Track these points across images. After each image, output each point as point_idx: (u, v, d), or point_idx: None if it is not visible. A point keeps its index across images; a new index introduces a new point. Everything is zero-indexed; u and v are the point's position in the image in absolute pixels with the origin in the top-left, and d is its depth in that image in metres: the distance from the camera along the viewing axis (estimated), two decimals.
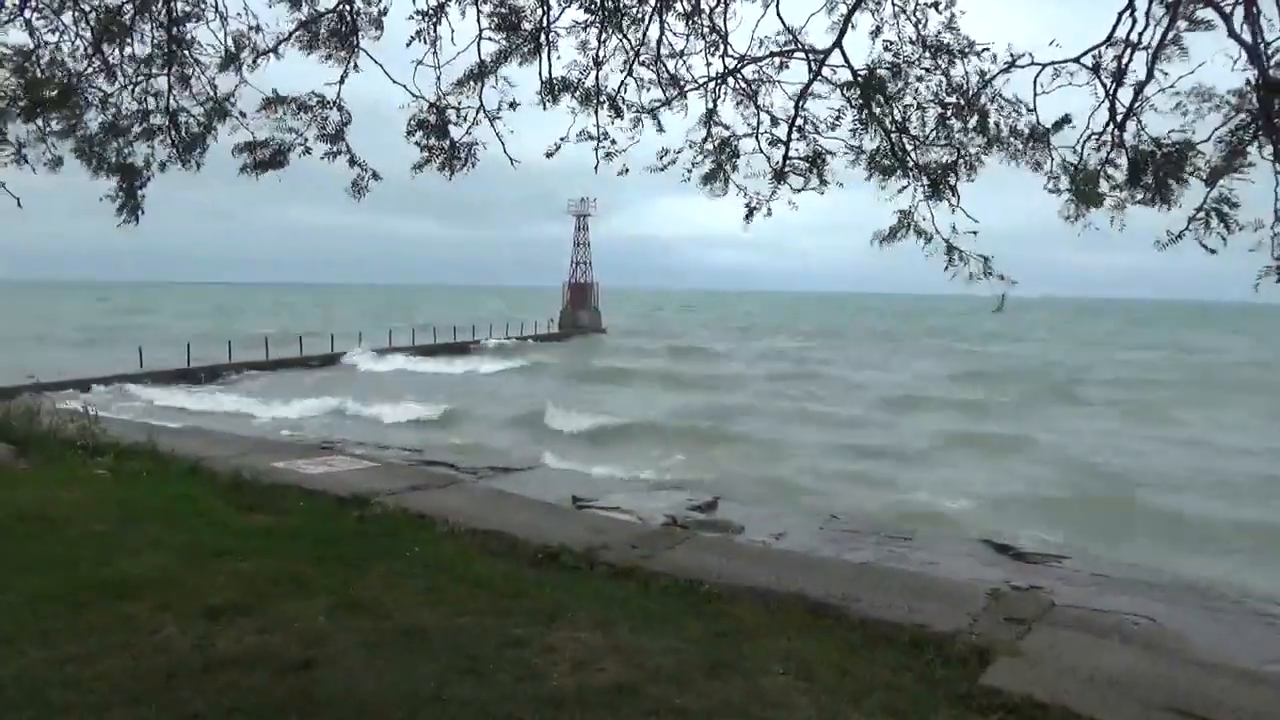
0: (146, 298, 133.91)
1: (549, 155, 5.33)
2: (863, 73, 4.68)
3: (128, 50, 5.05)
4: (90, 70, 4.97)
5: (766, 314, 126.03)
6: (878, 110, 4.72)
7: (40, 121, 4.92)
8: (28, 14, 4.75)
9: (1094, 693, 5.30)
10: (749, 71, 5.11)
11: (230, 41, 5.07)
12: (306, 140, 5.20)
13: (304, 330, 54.69)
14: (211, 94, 5.18)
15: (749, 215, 5.29)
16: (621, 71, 5.37)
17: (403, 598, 6.12)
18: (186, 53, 5.12)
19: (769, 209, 5.29)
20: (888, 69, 4.61)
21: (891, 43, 4.57)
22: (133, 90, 5.12)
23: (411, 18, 5.00)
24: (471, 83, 5.22)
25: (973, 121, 4.52)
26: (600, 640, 5.52)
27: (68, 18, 4.87)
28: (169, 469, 10.61)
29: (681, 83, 5.31)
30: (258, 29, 5.03)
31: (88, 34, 4.92)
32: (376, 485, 10.49)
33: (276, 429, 24.43)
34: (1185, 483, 20.14)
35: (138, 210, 5.08)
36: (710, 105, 5.26)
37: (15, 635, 5.15)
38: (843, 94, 4.80)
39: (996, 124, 4.49)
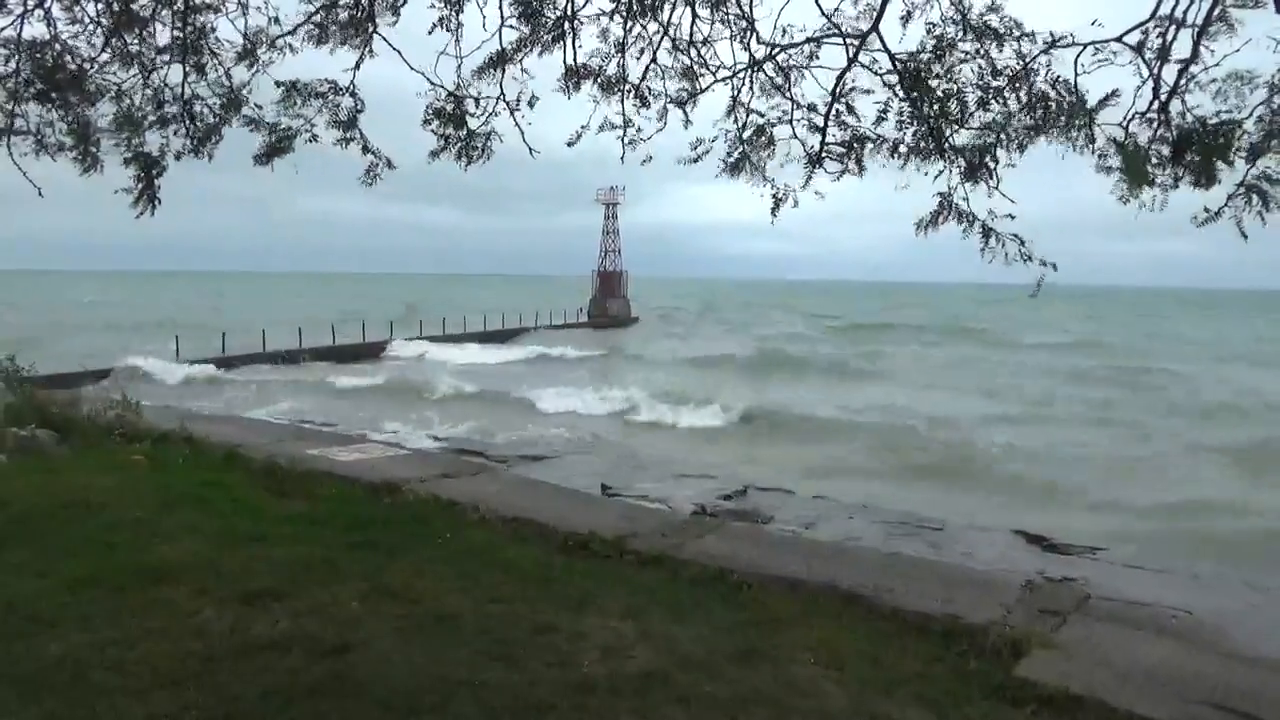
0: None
1: (570, 144, 5.27)
2: (901, 57, 4.61)
3: (148, 41, 5.06)
4: (107, 59, 4.98)
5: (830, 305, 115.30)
6: (923, 97, 4.64)
7: (56, 107, 4.92)
8: (48, 4, 4.77)
9: (1130, 686, 5.23)
10: (781, 58, 5.04)
11: (246, 36, 5.06)
12: (314, 127, 5.18)
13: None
14: (227, 84, 5.17)
15: (775, 207, 5.21)
16: (646, 58, 5.32)
17: (434, 583, 6.17)
18: (203, 42, 5.12)
19: (795, 200, 5.20)
20: (931, 53, 4.53)
21: (933, 25, 4.49)
22: (146, 79, 5.13)
23: (433, 6, 4.98)
24: (491, 70, 5.19)
25: (1015, 103, 4.43)
26: (630, 628, 5.53)
27: (90, 8, 4.88)
28: (204, 455, 10.77)
29: (711, 69, 5.25)
30: (276, 20, 5.02)
31: (108, 23, 4.93)
32: (408, 472, 10.58)
33: None
34: None
35: (154, 200, 5.09)
36: (736, 94, 5.20)
37: (57, 618, 5.26)
38: (884, 82, 4.72)
39: (1044, 104, 4.40)
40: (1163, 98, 4.07)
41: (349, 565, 6.48)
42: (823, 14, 4.74)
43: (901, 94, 4.70)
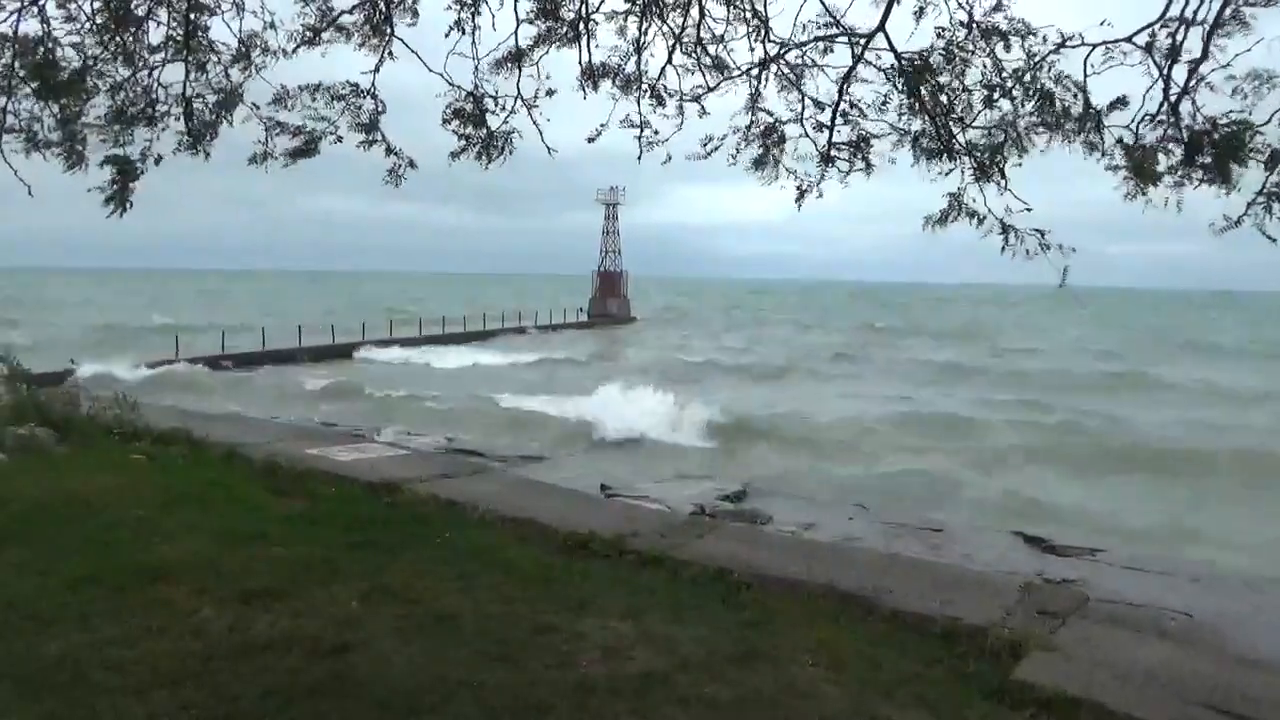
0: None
1: (591, 140, 5.27)
2: (907, 56, 4.62)
3: (141, 40, 5.06)
4: (105, 56, 4.97)
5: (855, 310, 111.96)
6: (925, 94, 4.65)
7: (53, 105, 4.91)
8: (42, 1, 4.76)
9: (1129, 689, 5.23)
10: (792, 56, 5.05)
11: (242, 39, 5.06)
12: (338, 129, 5.20)
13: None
14: (226, 83, 5.17)
15: (800, 197, 5.22)
16: (663, 58, 5.33)
17: (434, 584, 6.17)
18: (202, 40, 5.12)
19: (820, 191, 5.21)
20: (938, 54, 4.54)
21: (944, 29, 4.50)
22: (148, 76, 5.12)
23: (449, 8, 4.98)
24: (509, 65, 5.20)
25: (1029, 105, 4.44)
26: (630, 628, 5.53)
27: (86, 6, 4.88)
28: (204, 455, 10.78)
29: (724, 68, 5.26)
30: (272, 26, 5.01)
31: (104, 20, 4.91)
32: (407, 472, 10.58)
33: None
34: None
35: (126, 202, 5.10)
36: (753, 91, 5.21)
37: (57, 617, 5.26)
38: (887, 78, 4.73)
39: (1054, 105, 4.41)
40: (1173, 98, 4.06)
41: (349, 565, 6.48)
42: (827, 12, 4.75)
43: (907, 93, 4.70)
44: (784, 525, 11.80)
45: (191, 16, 5.02)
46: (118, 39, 4.97)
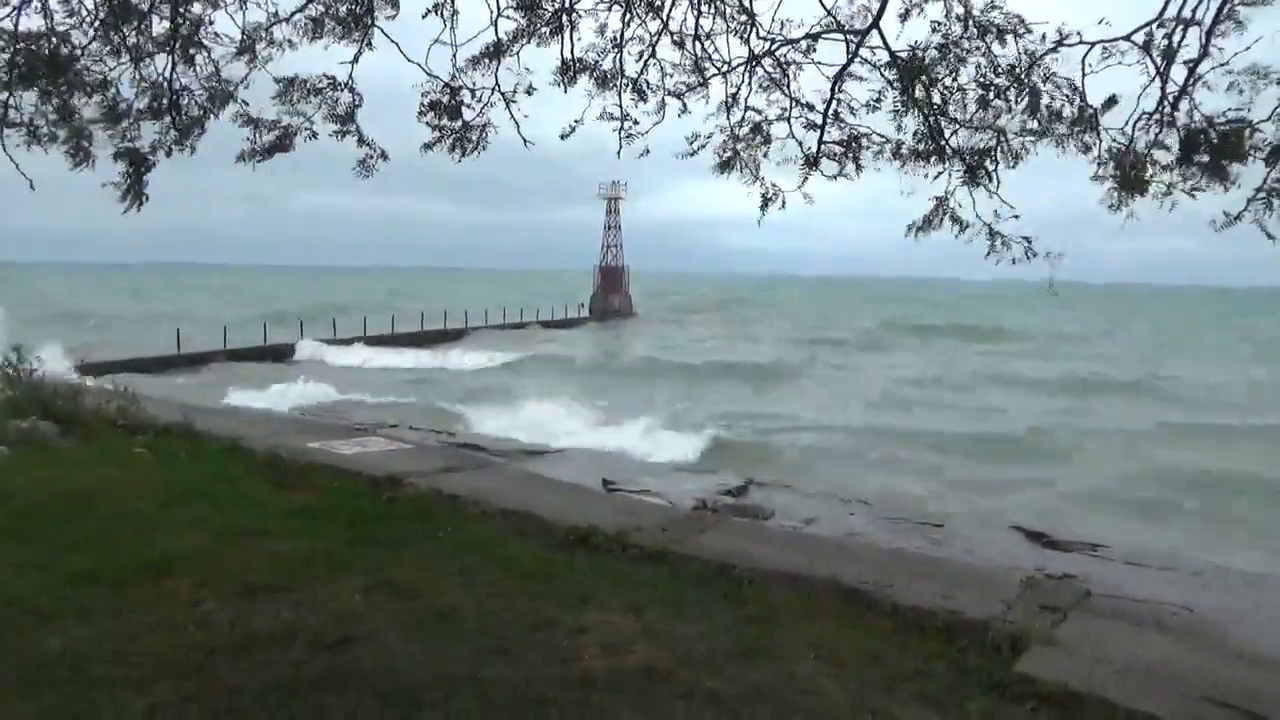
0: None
1: (564, 137, 5.25)
2: (903, 54, 4.60)
3: (144, 34, 5.03)
4: (96, 48, 4.93)
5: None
6: (919, 93, 4.63)
7: (41, 92, 4.88)
8: None
9: (1130, 682, 5.23)
10: (781, 54, 5.03)
11: (245, 32, 5.03)
12: (313, 123, 5.17)
13: None
14: (215, 76, 5.14)
15: (764, 206, 5.23)
16: (644, 55, 5.30)
17: (436, 578, 6.18)
18: (196, 35, 5.09)
19: (784, 201, 5.22)
20: (934, 50, 4.52)
21: (939, 23, 4.48)
22: (138, 70, 5.09)
23: None
24: (487, 60, 5.17)
25: (1022, 104, 4.43)
26: (631, 623, 5.54)
27: (88, 1, 4.85)
28: (206, 448, 10.77)
29: (709, 64, 5.24)
30: (276, 17, 4.98)
31: (105, 15, 4.89)
32: (409, 466, 10.58)
33: None
34: None
35: (141, 195, 5.08)
36: (735, 90, 5.19)
37: (59, 612, 5.27)
38: (882, 75, 4.71)
39: (1046, 106, 4.40)
40: (1171, 98, 4.06)
41: (351, 559, 6.49)
42: (824, 9, 4.73)
43: (901, 93, 4.69)
44: (786, 520, 11.80)
45: (181, 10, 5.00)
46: (119, 32, 4.95)
